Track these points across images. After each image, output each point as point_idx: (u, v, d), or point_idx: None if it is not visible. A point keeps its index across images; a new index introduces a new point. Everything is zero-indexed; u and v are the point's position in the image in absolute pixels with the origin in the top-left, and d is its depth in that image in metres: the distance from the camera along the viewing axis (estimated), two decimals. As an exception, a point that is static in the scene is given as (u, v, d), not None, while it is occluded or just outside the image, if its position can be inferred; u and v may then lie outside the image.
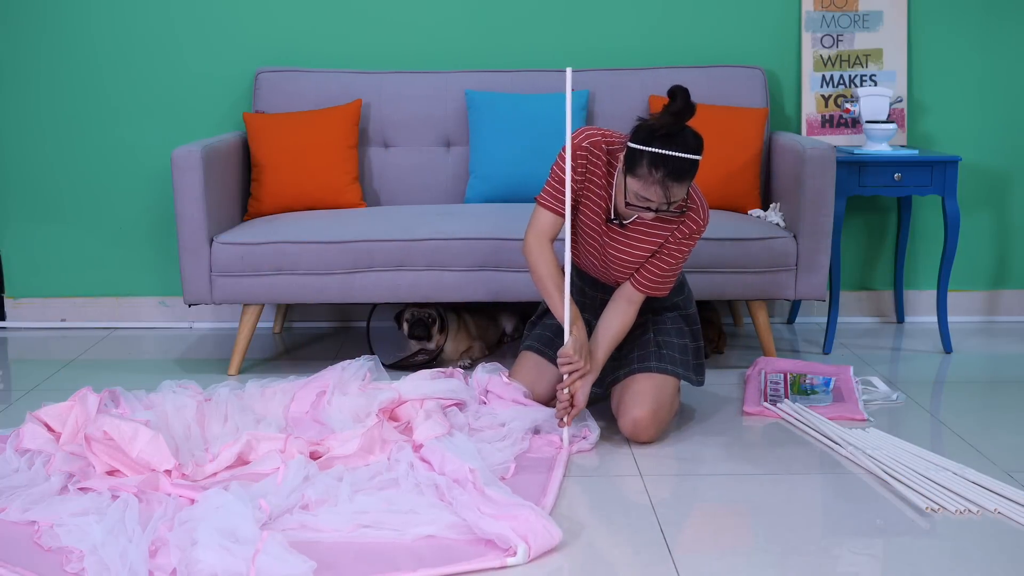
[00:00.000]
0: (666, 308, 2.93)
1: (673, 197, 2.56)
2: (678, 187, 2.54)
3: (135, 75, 4.01)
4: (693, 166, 2.54)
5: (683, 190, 2.56)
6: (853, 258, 4.14)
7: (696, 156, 2.53)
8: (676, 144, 2.51)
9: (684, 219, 2.71)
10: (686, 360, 2.90)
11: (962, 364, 3.62)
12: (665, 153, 2.51)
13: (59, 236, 4.12)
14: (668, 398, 2.83)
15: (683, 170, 2.52)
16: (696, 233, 2.73)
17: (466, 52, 4.00)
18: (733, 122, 3.73)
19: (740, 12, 4.00)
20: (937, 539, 2.27)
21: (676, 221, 2.71)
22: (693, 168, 2.54)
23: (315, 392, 2.93)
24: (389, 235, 3.37)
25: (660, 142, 2.51)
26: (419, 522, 2.27)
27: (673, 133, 2.52)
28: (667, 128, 2.52)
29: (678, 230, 2.72)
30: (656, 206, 2.58)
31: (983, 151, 4.07)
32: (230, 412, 2.85)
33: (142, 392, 2.93)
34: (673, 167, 2.51)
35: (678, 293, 2.95)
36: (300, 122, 3.74)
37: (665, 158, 2.51)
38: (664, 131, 2.52)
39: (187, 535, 2.14)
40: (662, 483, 2.56)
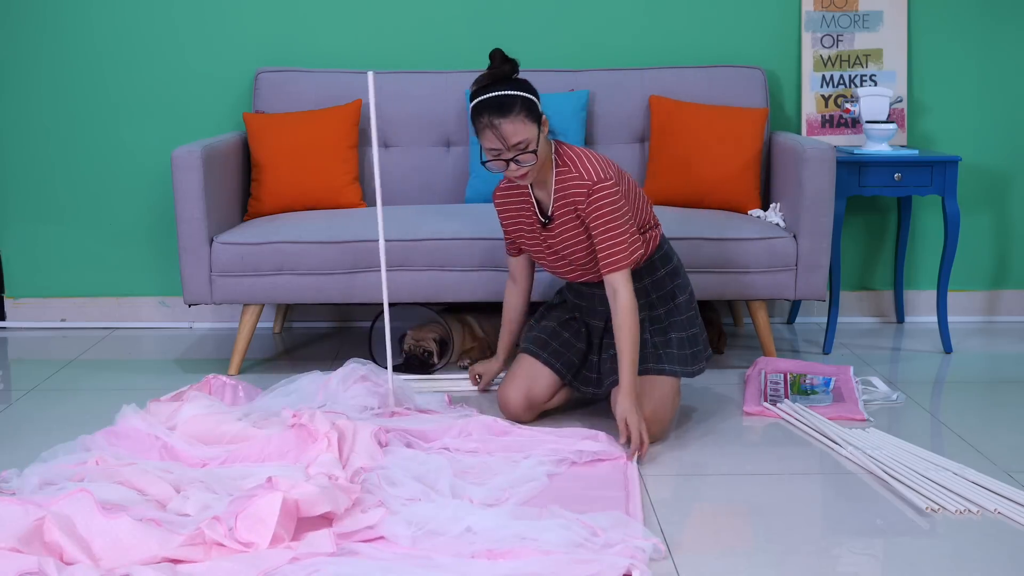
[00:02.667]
0: (661, 299, 2.92)
1: (509, 137, 2.67)
2: (508, 123, 2.65)
3: (135, 75, 4.01)
4: (514, 100, 2.66)
5: (515, 126, 2.66)
6: (853, 258, 4.14)
7: (517, 92, 2.67)
8: (492, 88, 2.69)
9: (574, 186, 2.75)
10: (683, 355, 2.90)
11: (962, 364, 3.62)
12: (480, 98, 2.69)
13: (59, 236, 4.12)
14: (668, 398, 2.83)
15: (503, 105, 2.65)
16: (595, 193, 2.73)
17: (466, 52, 4.00)
18: (733, 122, 3.73)
19: (740, 12, 4.00)
20: (937, 539, 2.27)
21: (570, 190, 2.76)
22: (515, 102, 2.66)
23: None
24: (389, 235, 3.37)
25: (477, 92, 2.72)
26: None
27: (492, 83, 2.70)
28: (485, 81, 2.72)
29: (577, 202, 2.76)
30: (503, 154, 2.69)
31: (983, 151, 4.07)
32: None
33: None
34: (493, 106, 2.66)
35: (673, 278, 2.94)
36: (300, 122, 3.74)
37: (482, 102, 2.68)
38: (483, 84, 2.72)
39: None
40: (662, 483, 2.56)
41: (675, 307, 2.93)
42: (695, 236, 3.36)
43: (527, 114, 2.67)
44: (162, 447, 2.62)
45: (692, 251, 3.34)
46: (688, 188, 3.71)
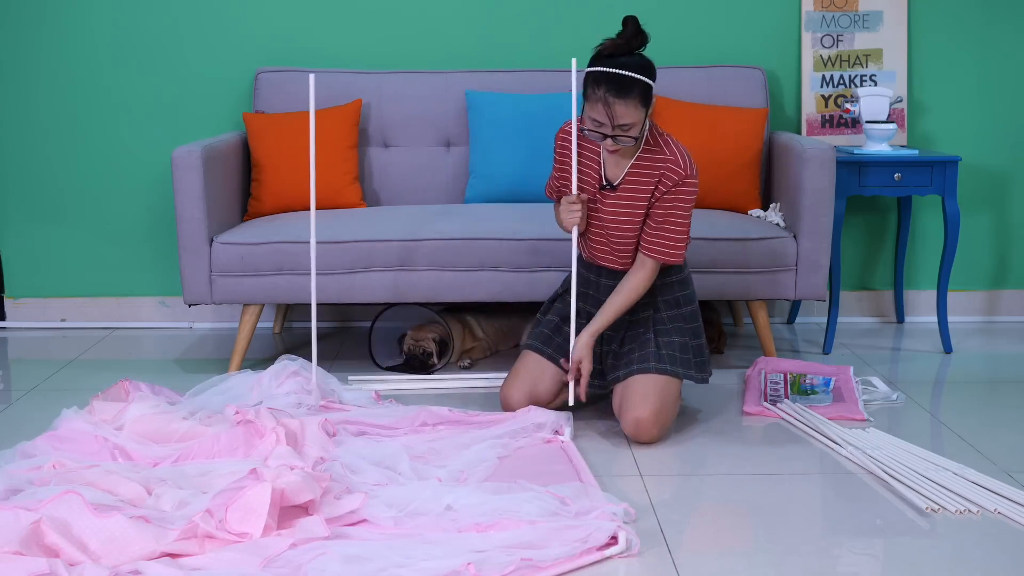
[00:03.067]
0: (667, 305, 2.92)
1: (619, 117, 2.64)
2: (621, 105, 2.63)
3: (135, 75, 4.01)
4: (635, 84, 2.63)
5: (628, 109, 2.64)
6: (853, 258, 4.14)
7: (639, 76, 2.64)
8: (617, 63, 2.64)
9: (666, 168, 2.74)
10: (687, 359, 2.90)
11: (962, 364, 3.62)
12: (604, 70, 2.64)
13: (59, 236, 4.12)
14: (670, 398, 2.84)
15: (623, 86, 2.62)
16: (684, 183, 2.75)
17: (466, 52, 4.00)
18: (733, 122, 3.73)
19: (740, 12, 4.00)
20: (937, 539, 2.27)
21: (657, 168, 2.75)
22: (635, 86, 2.63)
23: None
24: (389, 235, 3.37)
25: (603, 61, 2.66)
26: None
27: (616, 54, 2.66)
28: (611, 49, 2.67)
29: (661, 182, 2.75)
30: (608, 130, 2.66)
31: (983, 151, 4.07)
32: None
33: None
34: (613, 82, 2.62)
35: (682, 288, 2.94)
36: (300, 122, 3.74)
37: (605, 74, 2.63)
38: (608, 51, 2.67)
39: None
40: (662, 483, 2.56)
41: (680, 315, 2.93)
42: (695, 236, 3.35)
43: (641, 99, 2.65)
44: (113, 448, 2.60)
45: (692, 251, 3.33)
46: (688, 188, 3.70)
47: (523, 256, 3.35)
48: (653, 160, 2.77)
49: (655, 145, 2.79)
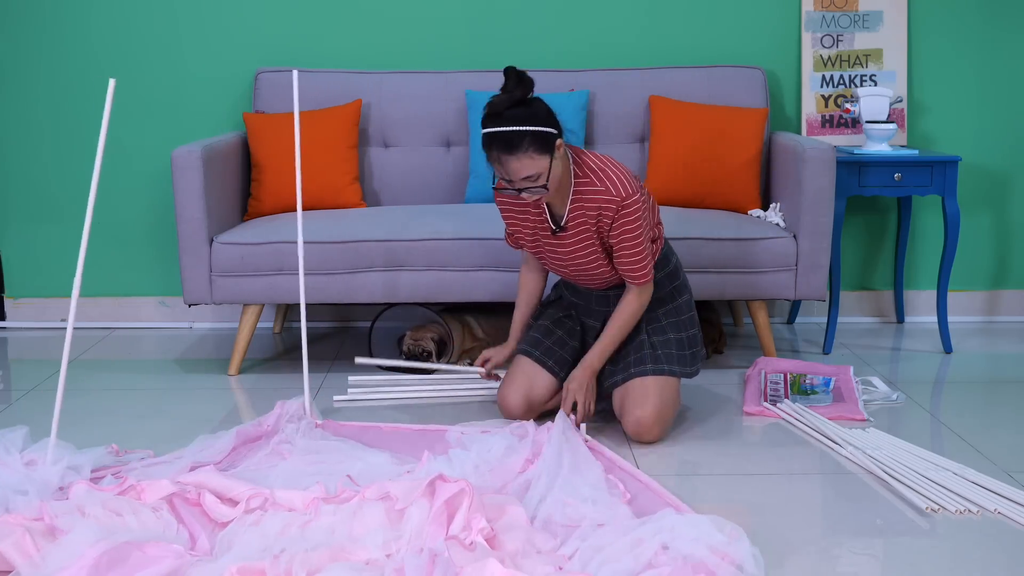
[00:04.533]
0: (660, 300, 2.92)
1: (517, 172, 2.60)
2: (515, 161, 2.58)
3: (135, 75, 4.01)
4: (522, 137, 2.56)
5: (524, 163, 2.58)
6: (853, 258, 4.14)
7: (525, 127, 2.57)
8: (501, 120, 2.57)
9: (600, 202, 2.71)
10: (682, 355, 2.90)
11: (962, 364, 3.62)
12: (488, 131, 2.59)
13: (59, 236, 4.12)
14: (670, 397, 2.84)
15: (511, 143, 2.56)
16: (623, 208, 2.69)
17: (466, 52, 4.00)
18: (733, 122, 3.73)
19: (740, 12, 4.00)
20: (937, 539, 2.27)
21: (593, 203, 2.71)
22: (523, 139, 2.57)
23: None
24: (389, 235, 3.37)
25: (487, 122, 2.61)
26: None
27: (499, 111, 2.58)
28: (494, 107, 2.60)
29: (602, 217, 2.72)
30: (518, 185, 2.63)
31: (983, 151, 4.07)
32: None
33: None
34: (500, 141, 2.58)
35: (672, 280, 2.94)
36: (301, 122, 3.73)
37: (490, 136, 2.59)
38: (488, 110, 2.60)
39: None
40: (662, 483, 2.55)
41: (674, 308, 2.93)
42: (695, 236, 3.36)
43: (536, 148, 2.58)
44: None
45: (692, 251, 3.34)
46: (688, 188, 3.71)
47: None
48: (587, 195, 2.73)
49: (583, 177, 2.73)
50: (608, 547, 2.10)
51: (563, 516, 2.30)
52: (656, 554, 2.06)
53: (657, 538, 2.10)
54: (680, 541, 2.09)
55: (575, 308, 3.02)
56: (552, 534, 2.22)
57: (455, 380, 3.34)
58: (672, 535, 2.11)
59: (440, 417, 3.04)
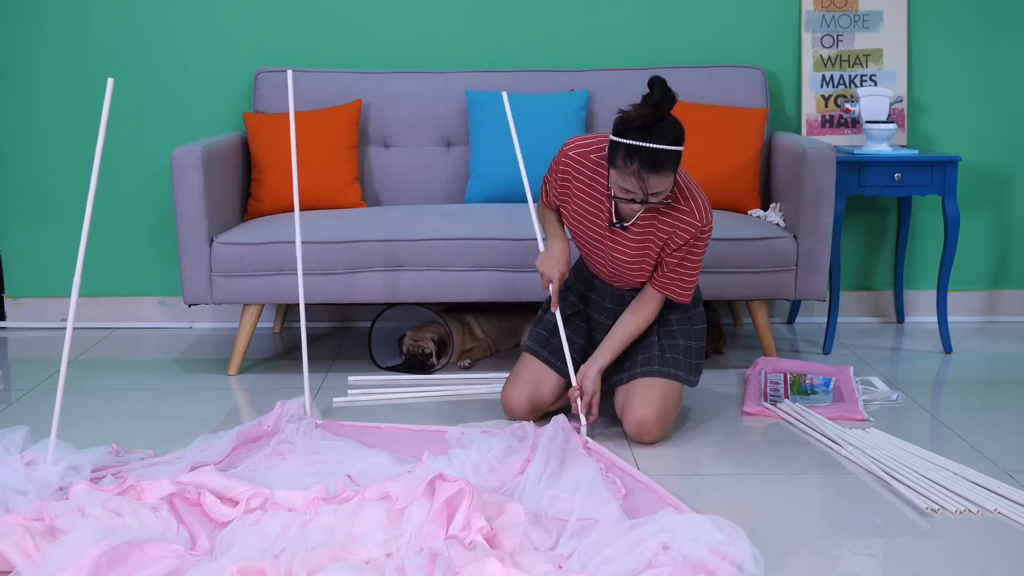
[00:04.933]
0: (673, 308, 2.92)
1: (652, 188, 2.56)
2: (655, 178, 2.54)
3: (135, 75, 4.01)
4: (670, 157, 2.53)
5: (662, 181, 2.56)
6: (853, 258, 4.14)
7: (673, 147, 2.53)
8: (651, 135, 2.51)
9: (681, 222, 2.70)
10: (689, 363, 2.90)
11: (962, 364, 3.62)
12: (638, 144, 2.51)
13: (59, 236, 4.12)
14: (672, 400, 2.84)
15: (658, 161, 2.52)
16: (699, 236, 2.72)
17: (466, 52, 4.00)
18: (733, 122, 3.73)
19: (740, 12, 4.00)
20: (937, 539, 2.27)
21: (673, 220, 2.70)
22: (670, 159, 2.53)
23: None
24: (389, 235, 3.37)
25: (635, 133, 2.52)
26: None
27: (648, 124, 2.51)
28: (643, 119, 2.51)
29: (676, 235, 2.71)
30: (638, 197, 2.58)
31: (983, 151, 4.07)
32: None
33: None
34: (647, 158, 2.51)
35: None
36: (300, 122, 3.73)
37: (639, 149, 2.51)
38: (640, 122, 2.52)
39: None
40: (662, 483, 2.55)
41: (687, 317, 2.93)
42: (695, 236, 3.36)
43: (673, 166, 2.55)
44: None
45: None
46: (688, 188, 3.71)
47: (523, 256, 3.35)
48: (669, 209, 2.70)
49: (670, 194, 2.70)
50: (608, 547, 2.11)
51: (553, 510, 2.32)
52: (656, 554, 2.07)
53: (657, 538, 2.10)
54: (680, 541, 2.09)
55: (585, 302, 3.00)
56: (546, 530, 2.23)
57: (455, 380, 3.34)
58: (672, 535, 2.11)
59: (440, 417, 3.04)
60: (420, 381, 3.37)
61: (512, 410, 2.92)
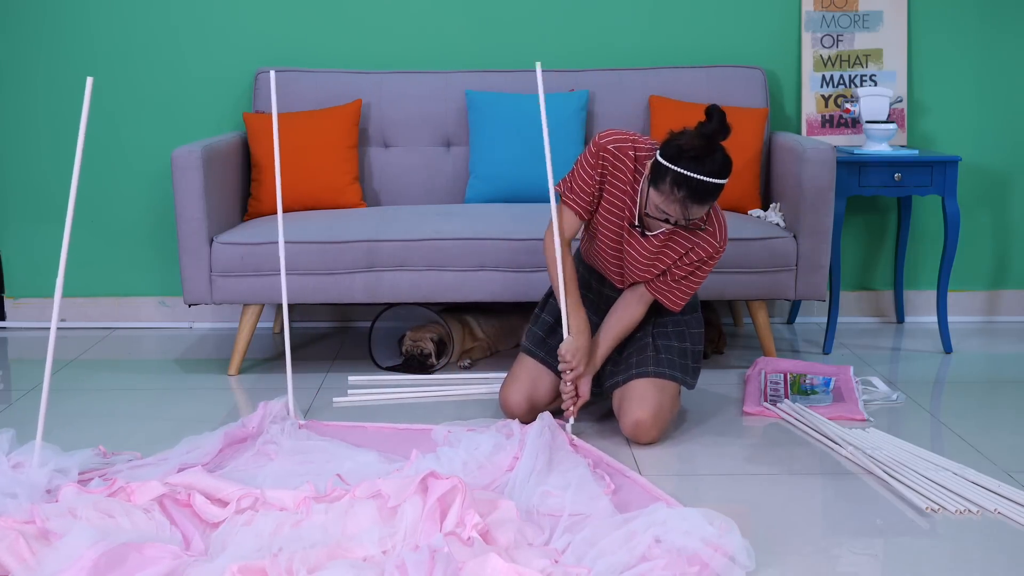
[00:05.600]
0: (667, 311, 2.92)
1: (692, 215, 2.59)
2: (698, 208, 2.57)
3: (135, 75, 4.01)
4: (717, 189, 2.54)
5: (703, 210, 2.59)
6: (853, 258, 4.14)
7: (721, 180, 2.53)
8: (703, 167, 2.50)
9: (702, 240, 2.72)
10: (685, 364, 2.90)
11: (962, 364, 3.62)
12: (690, 176, 2.50)
13: (59, 236, 4.10)
14: (669, 401, 2.84)
15: (706, 192, 2.53)
16: (714, 256, 2.75)
17: (466, 52, 4.00)
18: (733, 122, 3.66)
19: (740, 12, 4.00)
20: (937, 539, 2.27)
21: (694, 238, 2.72)
22: (716, 191, 2.55)
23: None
24: (389, 235, 3.37)
25: (687, 163, 2.50)
26: None
27: (702, 156, 2.50)
28: (696, 150, 2.50)
29: (694, 251, 2.73)
30: (675, 220, 2.60)
31: (983, 151, 4.07)
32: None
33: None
34: (696, 189, 2.52)
35: None
36: (300, 122, 3.74)
37: (689, 180, 2.50)
38: (693, 152, 2.50)
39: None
40: (662, 483, 2.55)
41: (682, 319, 2.93)
42: (695, 236, 3.36)
43: (716, 197, 2.57)
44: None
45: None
46: (688, 188, 3.70)
47: (523, 256, 3.35)
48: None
49: None
50: (601, 541, 2.12)
51: (544, 506, 2.32)
52: (649, 547, 2.08)
53: (650, 531, 2.12)
54: (672, 534, 2.11)
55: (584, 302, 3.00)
56: (539, 526, 2.24)
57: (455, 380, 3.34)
58: (664, 528, 2.13)
59: (440, 417, 3.04)
60: (420, 381, 3.37)
61: (511, 410, 2.93)
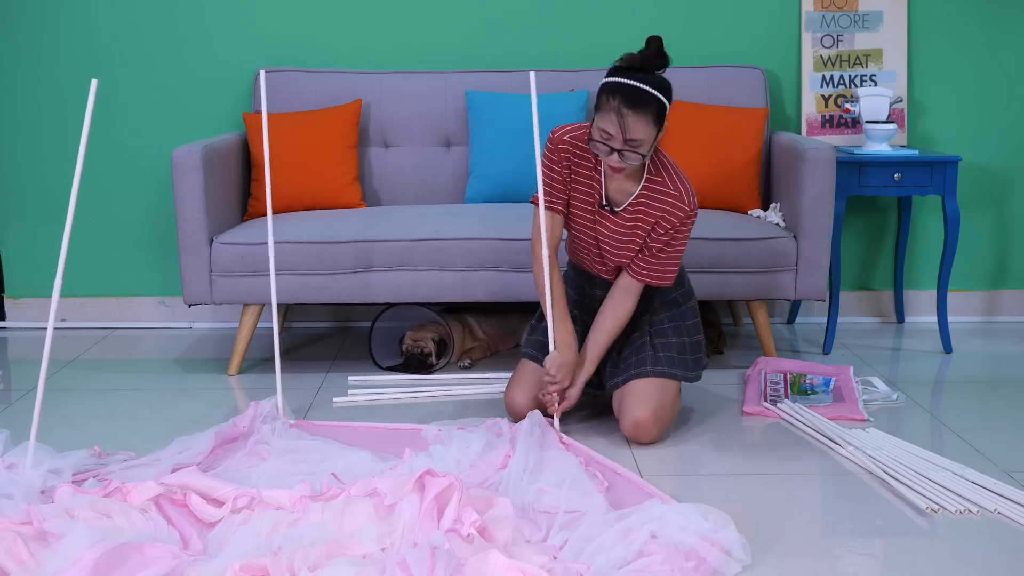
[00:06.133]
0: (664, 305, 2.93)
1: (631, 131, 2.57)
2: (634, 117, 2.56)
3: (135, 75, 4.01)
4: (651, 100, 2.57)
5: (641, 126, 2.58)
6: (853, 258, 4.14)
7: (656, 93, 2.57)
8: (636, 76, 2.58)
9: (670, 207, 2.72)
10: (684, 359, 2.90)
11: (962, 364, 3.62)
12: (620, 80, 2.58)
13: (59, 236, 4.11)
14: (669, 400, 2.84)
15: (639, 100, 2.56)
16: (686, 221, 2.74)
17: (466, 52, 4.00)
18: (733, 122, 3.73)
19: (740, 12, 4.00)
20: (937, 539, 2.27)
21: (661, 205, 2.71)
22: (651, 102, 2.57)
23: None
24: (389, 235, 3.37)
25: (621, 72, 2.61)
26: None
27: (635, 68, 2.60)
28: (629, 63, 2.61)
29: (664, 219, 2.73)
30: (617, 144, 2.60)
31: (983, 151, 4.07)
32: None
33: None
34: (628, 94, 2.56)
35: (678, 286, 2.94)
36: (300, 122, 3.74)
37: (620, 85, 2.58)
38: (626, 64, 2.61)
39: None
40: (662, 483, 2.55)
41: (678, 314, 2.93)
42: (695, 236, 3.35)
43: (654, 117, 2.59)
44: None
45: (692, 251, 3.34)
46: (688, 188, 3.71)
47: (523, 256, 3.35)
48: (657, 192, 2.73)
49: (658, 175, 2.74)
50: (598, 537, 2.13)
51: (540, 504, 2.33)
52: (646, 543, 2.09)
53: (646, 527, 2.13)
54: (668, 529, 2.12)
55: (578, 307, 3.01)
56: (535, 523, 2.24)
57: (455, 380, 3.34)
58: (660, 524, 2.14)
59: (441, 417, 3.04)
60: (420, 381, 3.37)
61: (516, 411, 2.92)
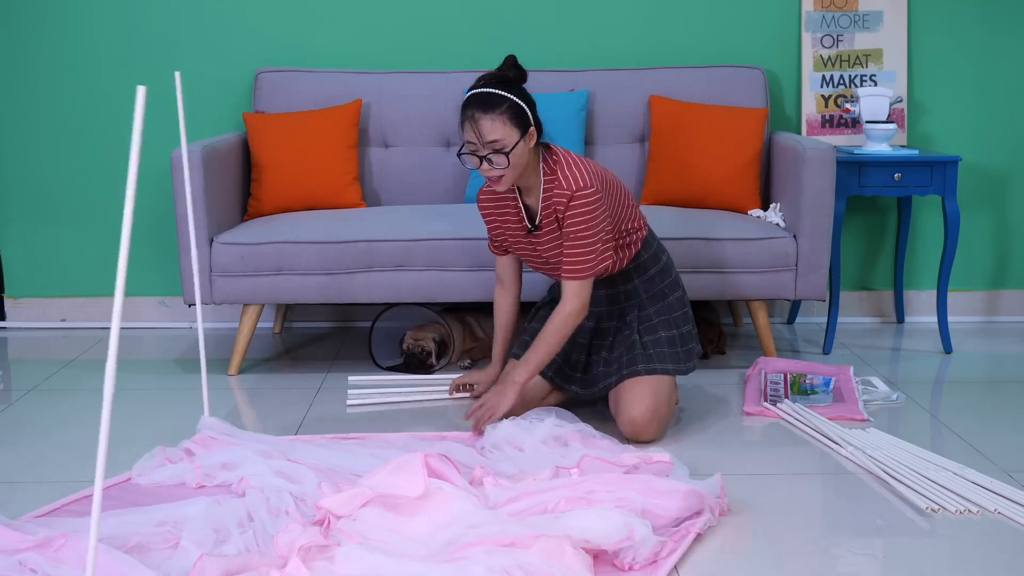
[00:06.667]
0: (651, 298, 2.92)
1: (485, 134, 2.67)
2: (486, 119, 2.66)
3: (135, 75, 4.01)
4: (501, 99, 2.66)
5: (494, 125, 2.66)
6: (853, 258, 4.14)
7: (505, 93, 2.67)
8: (483, 84, 2.71)
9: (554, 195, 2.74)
10: (675, 352, 2.90)
11: (962, 364, 3.62)
12: (471, 92, 2.71)
13: (59, 236, 4.12)
14: (664, 395, 2.83)
15: (488, 102, 2.66)
16: (574, 200, 2.71)
17: (466, 52, 4.00)
18: (733, 122, 3.73)
19: (740, 12, 4.00)
20: (937, 539, 2.27)
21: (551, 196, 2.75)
22: (501, 102, 2.66)
23: None
24: (389, 235, 3.37)
25: (473, 87, 2.74)
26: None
27: (484, 80, 2.73)
28: (484, 79, 2.74)
29: (556, 208, 2.75)
30: (478, 149, 2.69)
31: (983, 151, 4.07)
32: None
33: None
34: (477, 100, 2.68)
35: (664, 277, 2.94)
36: (300, 122, 3.74)
37: (471, 96, 2.70)
38: (476, 81, 2.74)
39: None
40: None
41: (665, 306, 2.93)
42: (695, 236, 3.36)
43: (511, 116, 2.66)
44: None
45: (692, 251, 3.34)
46: (688, 188, 3.71)
47: (523, 256, 3.35)
48: (553, 189, 2.76)
49: (550, 173, 2.77)
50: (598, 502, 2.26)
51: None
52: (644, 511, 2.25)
53: (639, 499, 2.28)
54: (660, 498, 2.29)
55: None
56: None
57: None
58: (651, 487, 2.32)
59: (439, 418, 3.04)
60: (420, 381, 3.37)
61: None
